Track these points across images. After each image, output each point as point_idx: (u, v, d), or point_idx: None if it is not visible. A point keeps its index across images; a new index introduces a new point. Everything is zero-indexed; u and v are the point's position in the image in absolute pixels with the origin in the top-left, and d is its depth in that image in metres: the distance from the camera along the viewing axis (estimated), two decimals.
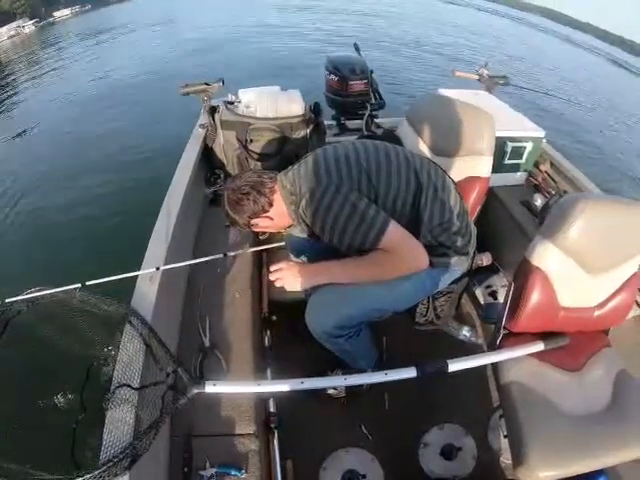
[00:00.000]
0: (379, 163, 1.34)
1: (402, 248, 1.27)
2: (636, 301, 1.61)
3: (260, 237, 2.05)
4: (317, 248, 1.57)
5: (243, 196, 1.39)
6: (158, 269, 1.45)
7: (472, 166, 1.71)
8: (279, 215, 1.44)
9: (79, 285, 1.39)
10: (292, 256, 1.78)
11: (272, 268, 1.41)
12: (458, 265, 1.46)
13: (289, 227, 1.57)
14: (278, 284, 1.39)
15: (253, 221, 1.44)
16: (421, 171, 1.38)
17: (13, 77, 13.05)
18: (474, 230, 1.52)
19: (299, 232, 1.58)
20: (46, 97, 9.87)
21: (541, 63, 14.66)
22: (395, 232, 1.26)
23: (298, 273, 1.38)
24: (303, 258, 1.72)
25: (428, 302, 1.65)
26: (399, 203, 1.33)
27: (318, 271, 1.40)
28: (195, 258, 1.83)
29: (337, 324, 1.40)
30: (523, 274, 1.36)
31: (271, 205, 1.41)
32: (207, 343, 1.55)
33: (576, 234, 1.26)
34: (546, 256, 1.31)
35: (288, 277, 1.38)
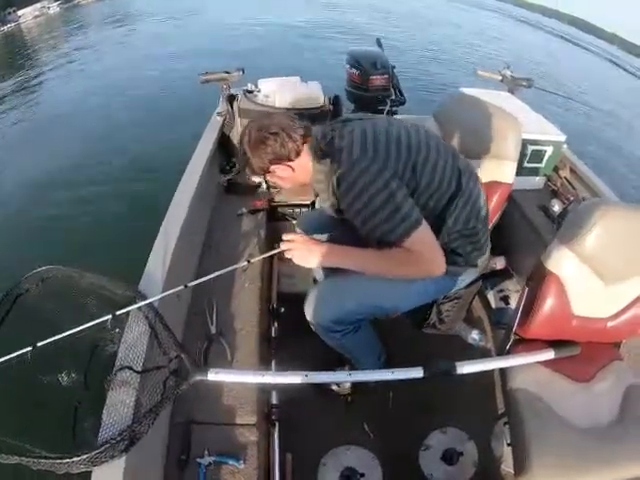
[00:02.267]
0: (428, 155, 1.27)
1: (425, 252, 1.23)
2: None
3: (270, 191, 2.05)
4: (330, 230, 1.56)
5: (270, 135, 1.27)
6: (167, 255, 1.45)
7: (496, 170, 1.67)
8: (301, 169, 1.34)
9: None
10: (301, 229, 1.70)
11: (285, 237, 1.32)
12: (465, 275, 1.44)
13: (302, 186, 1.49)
14: (288, 255, 1.31)
15: (272, 167, 1.32)
16: (464, 174, 1.33)
17: (37, 59, 13.18)
18: (489, 242, 1.49)
19: (322, 202, 1.47)
20: (69, 80, 9.95)
21: (567, 70, 14.44)
22: (424, 234, 1.22)
23: (312, 249, 1.31)
24: (313, 234, 1.61)
25: (432, 306, 1.62)
26: (432, 201, 1.28)
27: (333, 252, 1.33)
28: (207, 246, 1.85)
29: (334, 318, 1.38)
30: (537, 279, 1.33)
31: (298, 155, 1.30)
32: (213, 330, 1.55)
33: (593, 241, 1.23)
34: (562, 262, 1.28)
35: (301, 250, 1.30)
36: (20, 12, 19.39)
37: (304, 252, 1.31)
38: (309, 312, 1.41)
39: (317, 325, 1.42)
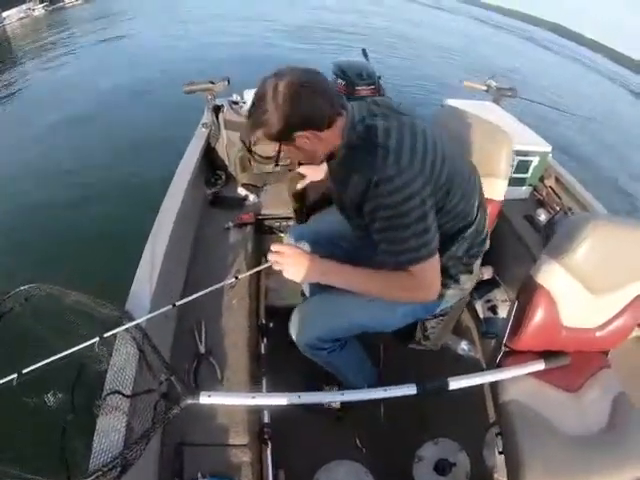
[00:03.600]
0: (462, 181, 1.21)
1: (428, 280, 1.17)
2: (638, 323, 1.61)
3: (257, 202, 2.07)
4: (323, 244, 1.52)
5: (306, 92, 1.05)
6: (154, 272, 1.43)
7: (488, 189, 1.62)
8: (326, 146, 1.15)
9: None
10: (292, 240, 1.64)
11: (273, 248, 1.20)
12: (453, 297, 1.43)
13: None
14: (276, 267, 1.20)
15: (297, 134, 1.09)
16: (481, 204, 1.32)
17: (20, 61, 13.05)
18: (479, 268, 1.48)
19: (332, 190, 1.35)
20: (51, 84, 9.85)
21: (551, 78, 14.70)
22: (434, 264, 1.15)
23: (303, 262, 1.20)
24: (304, 245, 1.53)
25: (417, 323, 1.62)
26: (448, 225, 1.23)
27: (328, 268, 1.23)
28: (193, 261, 1.81)
29: (319, 336, 1.36)
30: (527, 292, 1.35)
31: (329, 126, 1.10)
32: (202, 350, 1.53)
33: (583, 255, 1.25)
34: (552, 275, 1.30)
35: (291, 264, 1.19)
36: (5, 14, 19.22)
37: (294, 265, 1.20)
38: (294, 330, 1.40)
39: (303, 344, 1.39)
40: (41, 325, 1.21)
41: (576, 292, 1.32)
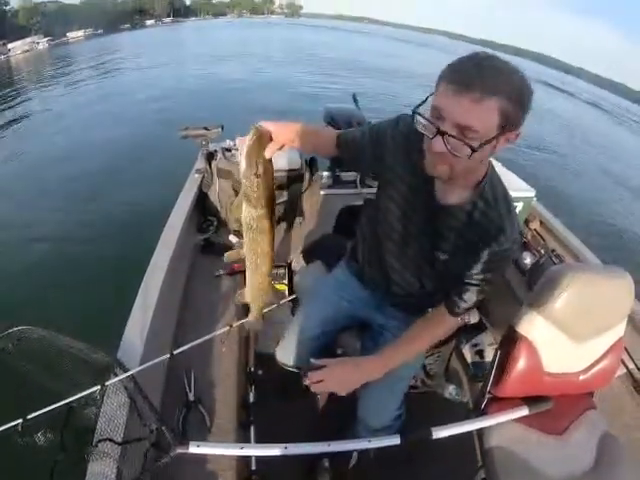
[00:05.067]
0: None
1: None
2: (621, 360, 1.64)
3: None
4: (332, 285, 1.51)
5: (528, 92, 0.85)
6: (146, 320, 1.45)
7: None
8: (480, 163, 0.97)
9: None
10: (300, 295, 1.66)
11: (312, 377, 1.16)
12: None
13: None
14: (317, 389, 1.17)
15: (495, 132, 0.85)
16: None
17: (20, 92, 13.24)
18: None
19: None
20: (48, 118, 10.01)
21: (535, 115, 15.16)
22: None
23: (346, 375, 1.16)
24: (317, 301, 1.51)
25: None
26: None
27: (383, 364, 1.18)
28: (185, 309, 1.84)
29: (396, 414, 1.34)
30: (509, 342, 1.37)
31: (511, 131, 0.88)
32: (191, 398, 1.54)
33: (563, 305, 1.28)
34: (533, 326, 1.33)
35: (338, 378, 1.16)
36: (10, 45, 19.80)
37: (339, 383, 1.17)
38: (373, 423, 1.33)
39: (383, 427, 1.33)
40: (34, 367, 1.21)
41: (558, 340, 1.35)
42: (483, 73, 0.80)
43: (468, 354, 2.14)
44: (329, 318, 1.45)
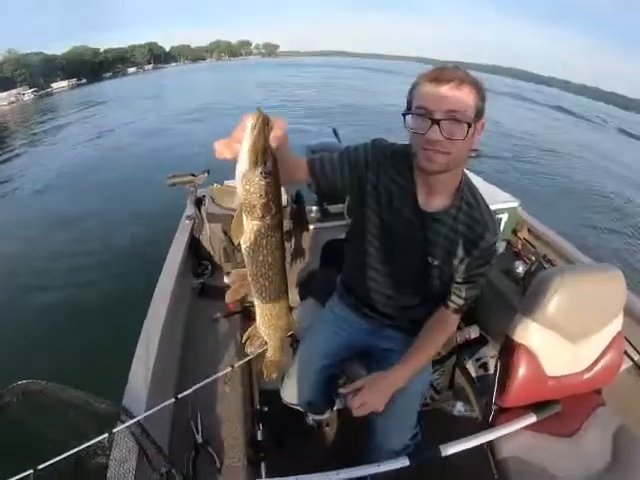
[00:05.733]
0: None
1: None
2: (625, 352, 1.64)
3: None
4: (329, 319, 1.52)
5: (483, 89, 1.00)
6: (149, 366, 1.46)
7: None
8: (466, 152, 1.06)
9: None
10: (299, 322, 1.63)
11: (355, 402, 1.18)
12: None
13: None
14: (364, 411, 1.18)
15: (474, 118, 0.98)
16: None
17: (6, 144, 13.32)
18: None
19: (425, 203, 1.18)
20: (35, 170, 10.07)
21: (506, 127, 15.51)
22: None
23: (381, 387, 1.20)
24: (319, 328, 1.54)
25: None
26: None
27: (401, 374, 1.23)
28: (186, 353, 1.85)
29: (412, 433, 1.33)
30: (508, 352, 1.38)
31: (480, 119, 1.01)
32: (199, 439, 1.53)
33: (555, 309, 1.30)
34: (528, 333, 1.34)
35: (375, 395, 1.19)
36: None
37: (378, 396, 1.20)
38: (392, 444, 1.30)
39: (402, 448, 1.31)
40: (40, 419, 1.22)
41: (556, 343, 1.36)
42: (451, 69, 0.98)
43: (472, 369, 2.13)
44: (330, 351, 1.46)
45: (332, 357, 1.46)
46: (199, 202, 2.44)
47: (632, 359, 1.74)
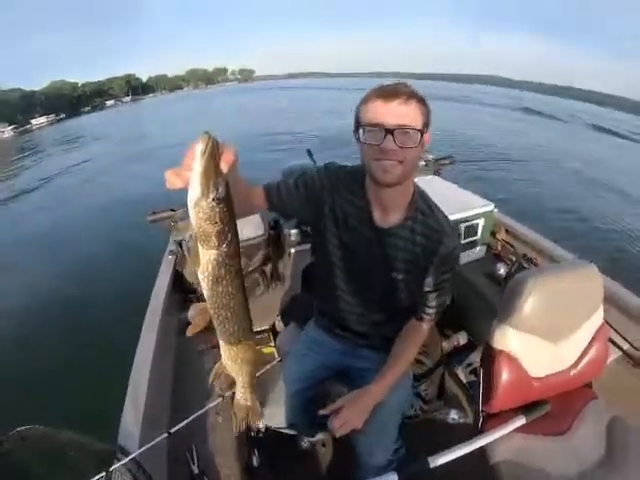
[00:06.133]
0: None
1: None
2: (612, 341, 1.67)
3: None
4: (311, 345, 1.53)
5: (427, 103, 1.05)
6: (141, 402, 1.47)
7: None
8: (418, 159, 1.11)
9: None
10: (283, 348, 1.71)
11: (335, 423, 1.20)
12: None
13: None
14: (345, 430, 1.20)
15: (423, 128, 1.03)
16: None
17: None
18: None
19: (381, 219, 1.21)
20: (16, 207, 9.95)
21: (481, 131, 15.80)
22: None
23: (360, 405, 1.22)
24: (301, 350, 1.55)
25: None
26: None
27: (380, 388, 1.25)
28: (176, 386, 1.87)
29: (394, 448, 1.34)
30: (488, 359, 1.40)
31: (427, 132, 1.06)
32: (195, 470, 1.54)
33: (531, 312, 1.32)
34: (507, 339, 1.36)
35: (354, 416, 1.20)
36: None
37: (358, 414, 1.21)
38: (373, 461, 1.32)
39: (385, 464, 1.32)
40: (40, 464, 1.23)
41: (536, 345, 1.38)
42: (400, 85, 1.02)
43: (463, 375, 2.15)
44: (303, 375, 1.47)
45: (306, 380, 1.47)
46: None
47: (621, 348, 1.76)
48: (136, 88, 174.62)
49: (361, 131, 1.05)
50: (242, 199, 0.95)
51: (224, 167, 0.68)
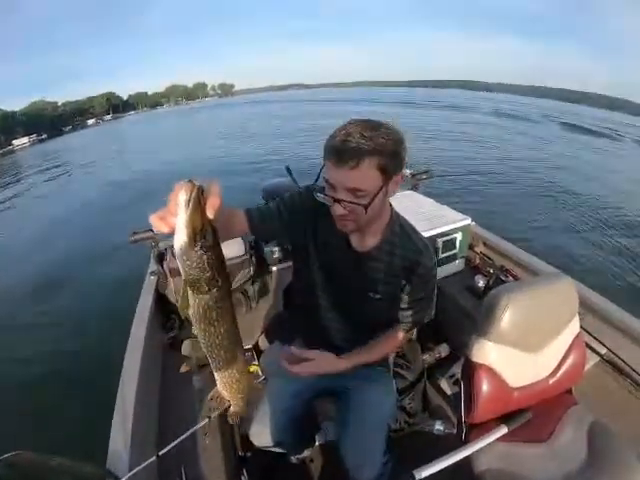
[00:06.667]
0: None
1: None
2: (589, 347, 1.71)
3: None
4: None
5: (397, 141, 1.00)
6: (127, 427, 1.47)
7: None
8: (381, 204, 1.10)
9: None
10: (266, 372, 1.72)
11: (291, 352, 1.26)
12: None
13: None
14: (301, 369, 1.24)
15: (397, 173, 1.03)
16: None
17: None
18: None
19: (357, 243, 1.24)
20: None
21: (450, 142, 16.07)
22: None
23: (323, 364, 1.27)
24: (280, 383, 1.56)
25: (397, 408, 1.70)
26: None
27: (344, 362, 1.29)
28: (162, 408, 1.87)
29: (382, 461, 1.36)
30: (469, 372, 1.43)
31: (393, 177, 1.04)
32: None
33: (507, 325, 1.35)
34: (485, 352, 1.39)
35: (313, 365, 1.25)
36: None
37: (317, 365, 1.26)
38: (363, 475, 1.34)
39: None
40: None
41: (514, 357, 1.41)
42: (351, 144, 0.95)
43: (447, 386, 2.18)
44: (293, 392, 1.49)
45: (292, 398, 1.49)
46: (161, 257, 2.45)
47: (599, 353, 1.81)
48: (117, 106, 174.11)
49: (315, 192, 1.09)
50: (223, 224, 0.87)
51: (210, 213, 0.67)
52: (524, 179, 10.64)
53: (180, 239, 0.65)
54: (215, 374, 0.90)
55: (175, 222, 0.65)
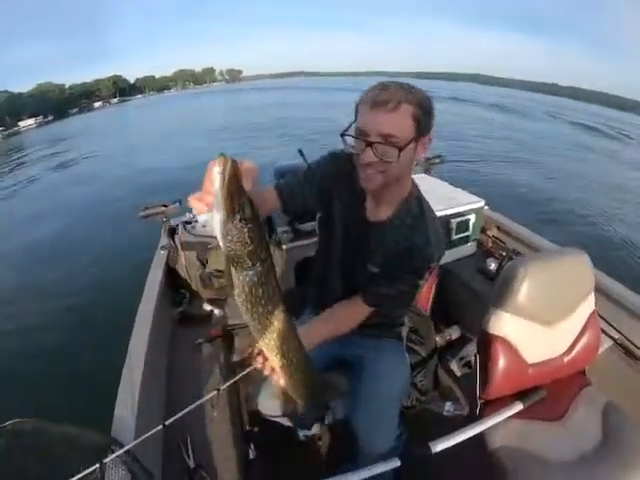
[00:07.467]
0: None
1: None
2: (603, 331, 1.68)
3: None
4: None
5: (430, 102, 1.01)
6: (134, 395, 1.45)
7: None
8: (409, 163, 1.07)
9: None
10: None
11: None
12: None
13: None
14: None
15: (414, 136, 1.00)
16: None
17: None
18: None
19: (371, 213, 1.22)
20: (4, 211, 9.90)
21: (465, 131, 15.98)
22: None
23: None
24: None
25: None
26: None
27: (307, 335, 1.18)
28: (170, 381, 1.85)
29: (396, 434, 1.34)
30: (485, 345, 1.42)
31: (424, 135, 1.03)
32: (192, 464, 1.51)
33: (524, 297, 1.34)
34: (502, 324, 1.38)
35: None
36: None
37: None
38: (375, 447, 1.31)
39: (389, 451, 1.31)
40: (32, 458, 1.19)
41: (531, 330, 1.40)
42: (391, 89, 0.97)
43: (457, 369, 2.18)
44: None
45: None
46: (172, 231, 2.44)
47: (612, 338, 1.79)
48: (123, 90, 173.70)
49: (346, 138, 1.06)
50: (261, 206, 0.91)
51: (247, 185, 0.67)
52: (537, 166, 10.73)
53: (219, 213, 0.64)
54: (282, 371, 0.89)
55: (212, 200, 0.65)
